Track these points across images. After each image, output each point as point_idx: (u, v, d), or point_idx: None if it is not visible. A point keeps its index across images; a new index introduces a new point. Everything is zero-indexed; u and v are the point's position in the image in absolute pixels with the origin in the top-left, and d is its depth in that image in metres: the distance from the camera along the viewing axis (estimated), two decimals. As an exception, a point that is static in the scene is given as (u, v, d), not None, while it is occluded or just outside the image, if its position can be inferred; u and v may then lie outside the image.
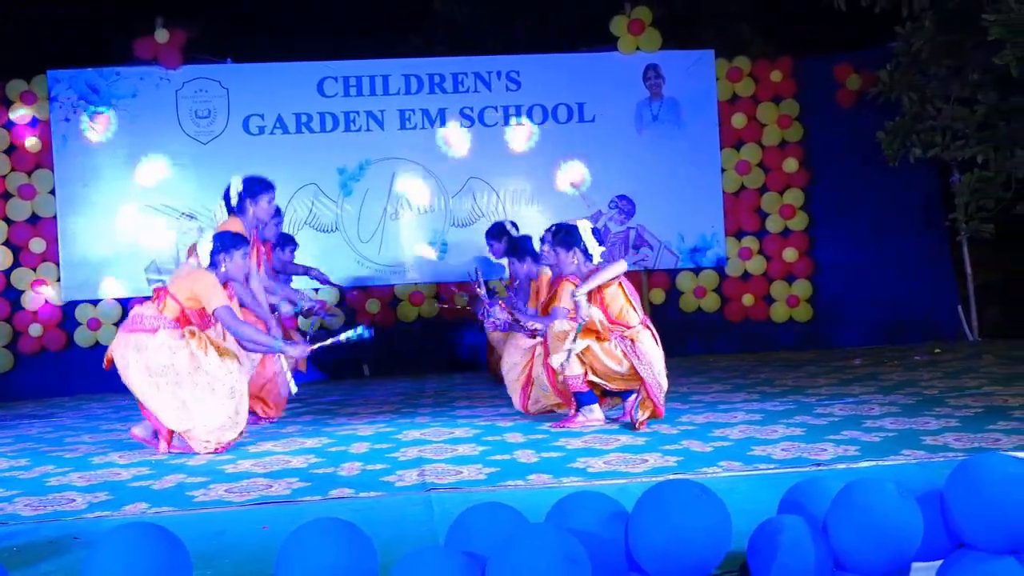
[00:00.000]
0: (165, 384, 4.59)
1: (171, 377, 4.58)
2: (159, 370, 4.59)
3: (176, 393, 4.59)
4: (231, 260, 4.86)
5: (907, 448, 3.78)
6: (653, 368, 4.74)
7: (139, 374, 4.60)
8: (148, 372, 4.59)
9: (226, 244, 4.87)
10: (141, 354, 4.59)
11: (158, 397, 4.60)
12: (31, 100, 8.40)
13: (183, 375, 4.59)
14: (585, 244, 4.95)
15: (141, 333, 4.62)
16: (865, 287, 9.00)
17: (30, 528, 3.21)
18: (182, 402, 4.60)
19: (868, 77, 8.57)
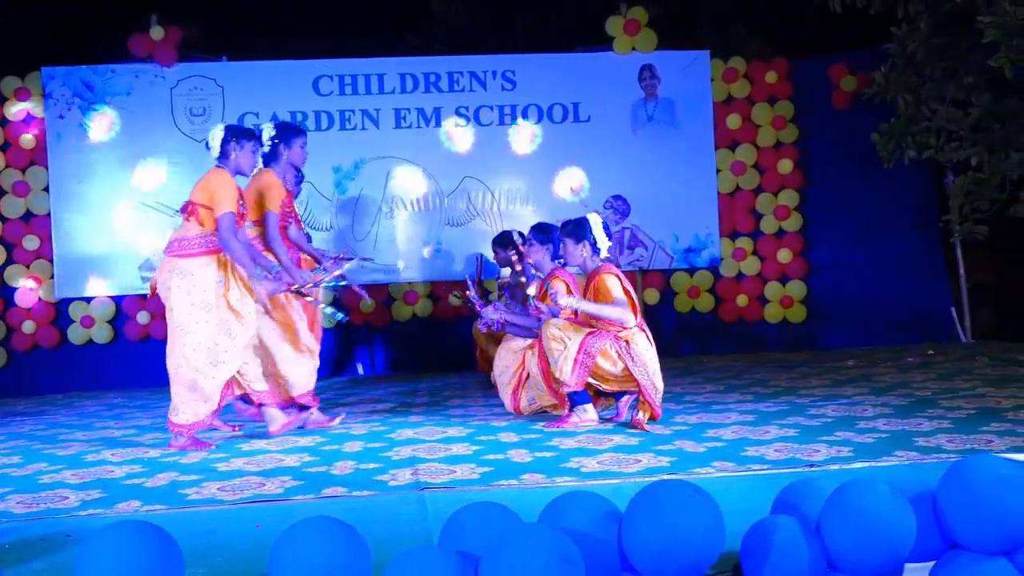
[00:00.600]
0: (205, 322, 4.63)
1: (212, 317, 4.64)
2: (202, 303, 4.64)
3: (213, 337, 4.65)
4: (241, 150, 4.84)
5: (900, 449, 3.78)
6: (647, 369, 4.74)
7: (181, 303, 4.63)
8: (191, 303, 4.63)
9: (237, 134, 4.85)
10: (184, 279, 4.64)
11: (195, 335, 4.63)
12: (26, 97, 8.38)
13: (220, 323, 4.66)
14: (595, 237, 4.95)
15: (191, 257, 4.66)
16: (859, 288, 9.02)
17: (22, 525, 3.20)
18: (211, 348, 4.65)
19: (863, 78, 8.59)
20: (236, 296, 4.74)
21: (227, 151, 4.82)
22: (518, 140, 8.83)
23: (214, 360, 4.68)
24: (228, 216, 4.64)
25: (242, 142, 4.83)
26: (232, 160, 4.83)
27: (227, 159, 4.82)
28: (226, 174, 4.77)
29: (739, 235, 9.11)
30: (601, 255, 4.98)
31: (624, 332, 4.80)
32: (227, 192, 4.68)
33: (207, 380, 4.68)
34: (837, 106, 9.01)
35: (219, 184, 4.70)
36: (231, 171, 4.82)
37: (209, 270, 4.68)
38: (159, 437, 5.13)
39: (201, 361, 4.65)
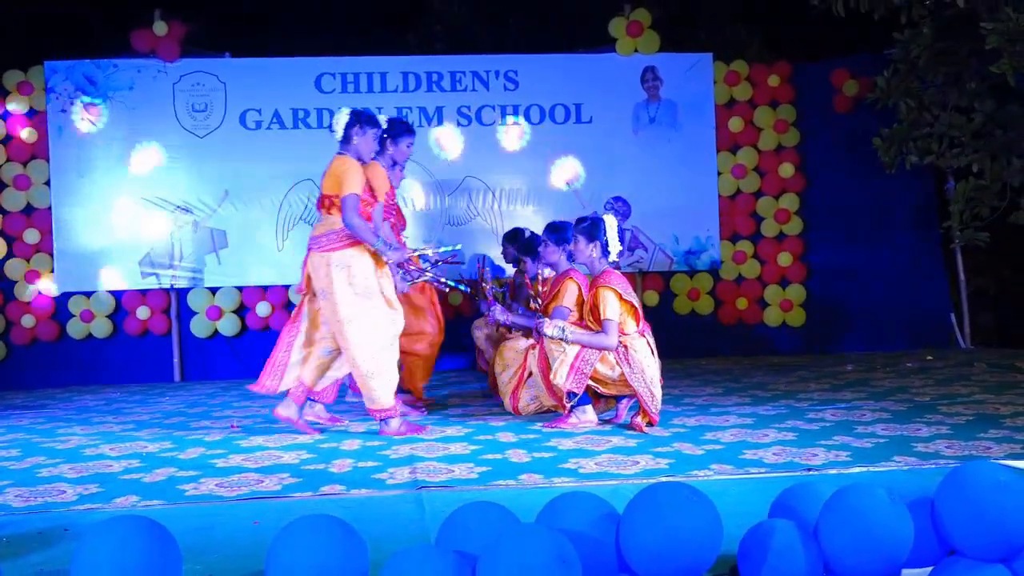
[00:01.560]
0: (372, 308, 4.69)
1: (376, 302, 4.71)
2: (365, 291, 4.70)
3: (381, 322, 4.72)
4: (363, 136, 4.87)
5: (898, 454, 3.79)
6: (644, 376, 4.73)
7: (344, 293, 4.69)
8: (354, 292, 4.70)
9: (361, 119, 4.89)
10: (343, 271, 4.70)
11: (364, 321, 4.68)
12: (28, 91, 8.37)
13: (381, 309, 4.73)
14: (607, 239, 4.96)
15: (346, 248, 4.72)
16: (859, 293, 9.02)
17: (20, 519, 3.21)
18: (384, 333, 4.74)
19: (865, 83, 8.59)
20: (386, 283, 4.84)
21: (349, 135, 4.87)
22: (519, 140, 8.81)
23: (383, 344, 4.75)
24: (352, 197, 4.69)
25: (365, 128, 4.88)
26: (353, 145, 4.87)
27: (349, 143, 4.88)
28: (348, 159, 4.82)
29: (739, 238, 9.11)
30: (610, 258, 4.99)
31: (624, 337, 4.80)
32: (352, 175, 4.74)
33: (386, 364, 4.77)
34: (839, 110, 9.01)
35: (343, 169, 4.76)
36: (352, 156, 4.87)
37: (364, 258, 4.75)
38: (158, 432, 5.13)
39: (376, 345, 4.72)
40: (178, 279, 8.44)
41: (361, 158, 4.94)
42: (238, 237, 8.53)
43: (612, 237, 4.98)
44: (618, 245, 5.00)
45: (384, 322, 4.76)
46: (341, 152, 4.89)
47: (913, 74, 7.84)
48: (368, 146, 4.93)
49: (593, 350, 4.77)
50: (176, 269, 8.43)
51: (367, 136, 4.89)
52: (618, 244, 5.01)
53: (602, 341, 4.76)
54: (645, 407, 4.69)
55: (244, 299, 8.57)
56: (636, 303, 4.89)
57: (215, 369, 8.61)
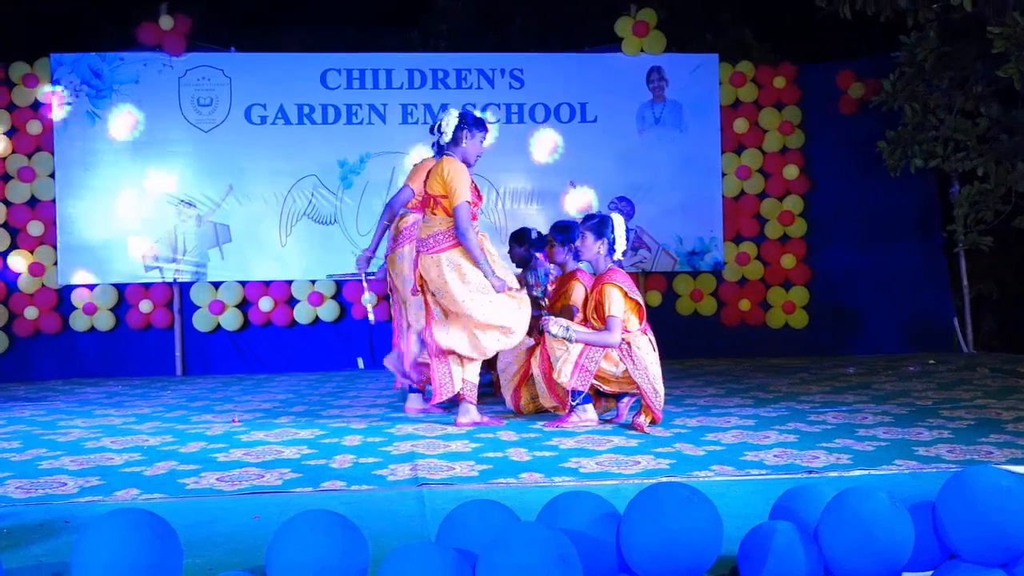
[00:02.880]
0: (490, 300, 4.72)
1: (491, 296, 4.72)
2: (479, 286, 4.72)
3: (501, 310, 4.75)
4: (472, 139, 4.87)
5: (900, 458, 3.78)
6: (648, 373, 4.74)
7: (461, 291, 4.71)
8: (470, 289, 4.72)
9: (469, 123, 4.87)
10: (454, 271, 4.71)
11: (484, 313, 4.71)
12: (33, 83, 8.38)
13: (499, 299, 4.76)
14: (614, 237, 4.96)
15: (452, 249, 4.74)
16: (861, 296, 9.02)
17: (20, 511, 3.21)
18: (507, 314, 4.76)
19: (871, 85, 8.59)
20: (502, 274, 4.83)
21: (459, 138, 4.85)
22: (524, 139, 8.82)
23: (499, 339, 4.79)
24: (465, 206, 4.69)
25: (473, 131, 4.87)
26: (462, 148, 4.86)
27: (457, 146, 4.86)
28: (457, 162, 4.80)
29: (743, 239, 9.11)
30: (615, 256, 4.98)
31: (627, 334, 4.80)
32: (462, 181, 4.72)
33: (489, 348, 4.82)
34: (844, 113, 9.01)
35: (453, 174, 4.74)
36: (459, 158, 4.85)
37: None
38: (159, 426, 5.13)
39: (496, 329, 4.76)
40: (181, 273, 8.45)
41: (467, 161, 4.92)
42: (241, 232, 8.53)
43: (619, 236, 4.98)
44: (624, 244, 5.01)
45: (509, 310, 4.77)
46: (449, 154, 4.86)
47: (919, 77, 7.84)
48: (476, 149, 4.93)
49: (597, 348, 4.77)
50: (179, 263, 8.44)
51: (475, 139, 4.89)
52: (625, 243, 5.01)
53: (605, 339, 4.76)
54: (649, 404, 4.69)
55: (247, 294, 8.58)
56: (640, 301, 4.89)
57: (217, 363, 8.63)
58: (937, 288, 8.98)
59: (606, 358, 4.78)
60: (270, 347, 8.67)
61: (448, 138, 4.88)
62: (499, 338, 4.82)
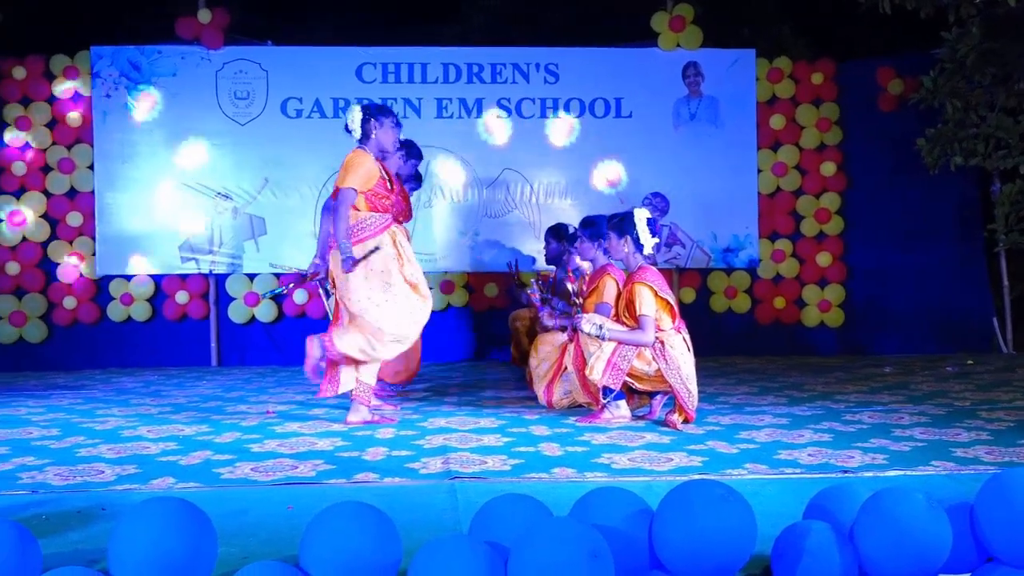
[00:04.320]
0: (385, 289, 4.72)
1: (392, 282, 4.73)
2: (380, 271, 4.73)
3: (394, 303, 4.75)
4: (381, 128, 4.86)
5: (937, 459, 3.74)
6: (680, 373, 4.71)
7: (361, 279, 4.72)
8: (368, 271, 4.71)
9: (373, 112, 4.87)
10: (361, 265, 4.71)
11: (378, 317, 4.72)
12: (74, 75, 8.48)
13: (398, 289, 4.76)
14: (638, 233, 4.93)
15: (361, 243, 4.74)
16: (899, 295, 8.92)
17: (59, 497, 3.25)
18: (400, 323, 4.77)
19: (911, 82, 8.49)
20: (411, 270, 4.84)
21: (368, 131, 4.85)
22: (558, 133, 8.80)
23: (399, 336, 4.79)
24: (348, 191, 4.70)
25: (381, 120, 4.86)
26: (374, 140, 4.86)
27: (369, 139, 4.86)
28: (361, 154, 4.81)
29: (778, 237, 9.04)
30: (645, 251, 4.95)
31: (660, 333, 4.78)
32: (354, 169, 4.74)
33: (385, 352, 4.82)
34: (883, 109, 8.91)
35: (351, 162, 4.77)
36: (374, 151, 4.86)
37: (381, 250, 4.76)
38: (194, 415, 5.18)
39: (388, 334, 4.76)
40: (217, 265, 8.52)
41: (385, 150, 4.93)
42: (276, 224, 8.59)
43: (643, 230, 4.94)
44: (651, 237, 4.96)
45: (404, 313, 4.76)
46: (361, 147, 4.87)
47: (960, 74, 7.74)
48: (389, 137, 4.90)
49: (630, 346, 4.75)
50: (215, 255, 8.51)
51: (385, 128, 4.87)
52: (650, 236, 4.96)
53: (639, 337, 4.74)
54: (682, 404, 4.67)
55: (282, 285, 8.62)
56: (672, 300, 4.86)
57: (252, 355, 8.69)
58: (976, 288, 8.87)
59: (639, 357, 4.76)
60: (304, 339, 8.69)
61: (359, 134, 4.87)
62: (395, 347, 4.84)
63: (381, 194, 4.85)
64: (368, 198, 4.80)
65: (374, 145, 4.87)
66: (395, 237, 4.87)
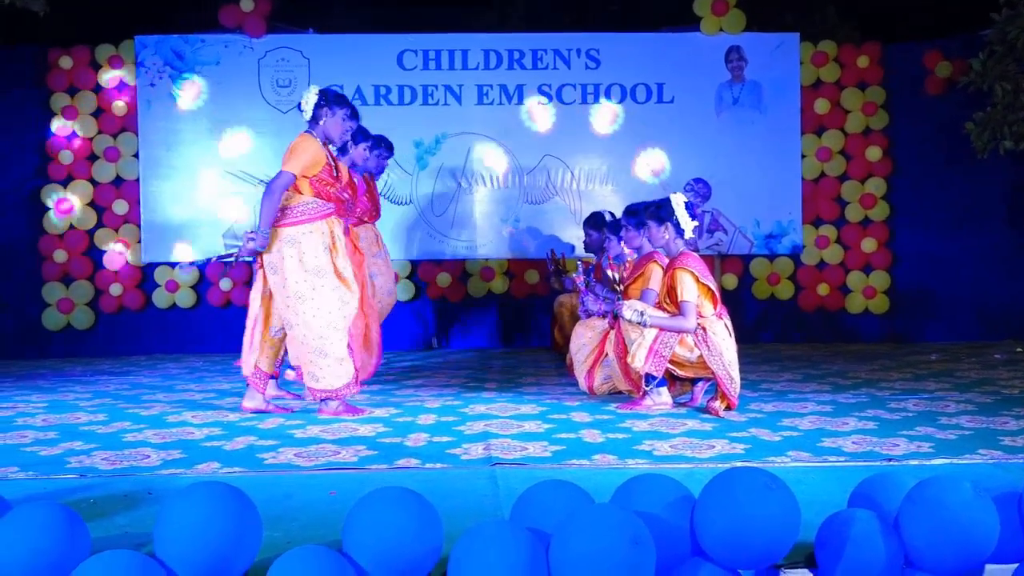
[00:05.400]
0: (318, 287, 4.62)
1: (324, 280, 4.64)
2: (314, 269, 4.64)
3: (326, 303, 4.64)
4: (332, 117, 4.79)
5: (984, 448, 3.68)
6: (723, 359, 4.69)
7: (294, 271, 4.63)
8: (304, 269, 4.63)
9: (330, 99, 4.81)
10: (294, 248, 4.64)
11: (314, 299, 4.63)
12: (119, 65, 8.58)
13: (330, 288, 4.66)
14: (678, 219, 4.89)
15: (296, 225, 4.65)
16: (945, 281, 8.79)
17: (106, 481, 3.30)
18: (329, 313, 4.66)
19: (959, 65, 8.33)
20: (342, 263, 4.77)
21: (318, 116, 4.78)
22: (600, 119, 8.77)
23: (335, 324, 4.68)
24: (286, 175, 4.61)
25: (334, 108, 4.78)
26: (320, 126, 4.78)
27: (317, 123, 4.78)
28: (308, 139, 4.73)
29: (822, 222, 8.94)
30: (686, 235, 4.92)
31: (702, 320, 4.76)
32: (300, 153, 4.65)
33: (333, 344, 4.68)
34: (931, 93, 8.75)
35: (296, 145, 4.70)
36: (320, 137, 4.79)
37: (315, 236, 4.67)
38: (237, 401, 5.23)
39: (323, 325, 4.65)
40: (260, 252, 8.57)
41: (331, 139, 4.85)
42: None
43: (682, 215, 4.90)
44: (690, 221, 4.93)
45: (334, 302, 4.66)
46: (308, 131, 4.79)
47: (1010, 56, 7.58)
48: (337, 127, 4.82)
49: (672, 333, 4.73)
50: (258, 242, 8.56)
51: (336, 117, 4.79)
52: (690, 220, 4.93)
53: (681, 324, 4.71)
54: (725, 390, 4.64)
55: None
56: (713, 286, 4.83)
57: (294, 341, 8.75)
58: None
59: (681, 343, 4.73)
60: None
61: (308, 116, 4.79)
62: (335, 336, 4.70)
63: (326, 180, 4.75)
64: (313, 183, 4.70)
65: (321, 131, 4.80)
66: (332, 227, 4.77)
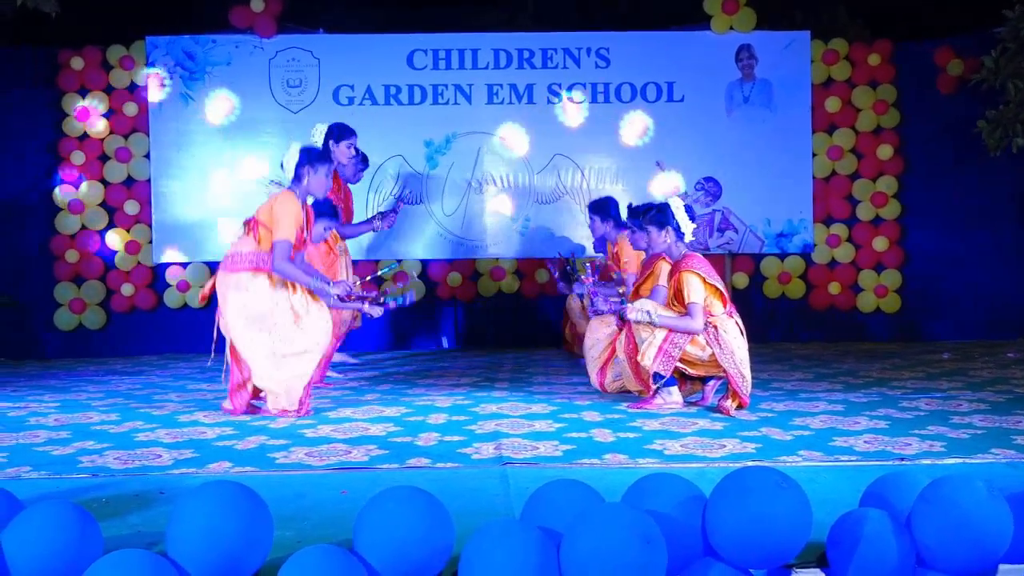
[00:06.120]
0: (259, 331, 4.66)
1: (268, 326, 4.66)
2: (256, 316, 4.67)
3: (270, 344, 4.67)
4: (315, 174, 4.84)
5: (997, 447, 3.67)
6: (735, 357, 4.69)
7: (236, 316, 4.68)
8: (245, 316, 4.67)
9: (312, 158, 4.87)
10: (240, 294, 4.67)
11: (252, 345, 4.68)
12: (130, 65, 8.60)
13: (282, 328, 4.67)
14: (677, 222, 4.91)
15: (242, 272, 4.70)
16: (957, 280, 8.75)
17: (119, 481, 3.32)
18: (273, 354, 4.68)
19: (971, 63, 8.29)
20: (300, 301, 4.78)
21: (300, 175, 4.85)
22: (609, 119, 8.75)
23: (277, 364, 4.70)
24: (284, 244, 4.67)
25: (316, 166, 4.85)
26: (303, 185, 4.86)
27: (300, 182, 4.86)
28: (291, 199, 4.79)
29: (833, 221, 8.91)
30: (686, 238, 4.93)
31: (713, 318, 4.75)
32: (288, 218, 4.72)
33: (282, 382, 4.72)
34: (942, 91, 8.71)
35: (283, 209, 4.74)
36: (301, 195, 4.85)
37: (261, 282, 4.71)
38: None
39: (270, 366, 4.70)
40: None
41: (315, 195, 4.93)
42: (329, 211, 8.64)
43: (682, 218, 4.93)
44: (691, 224, 4.94)
45: (276, 343, 4.67)
46: (290, 188, 4.85)
47: (1022, 54, 7.54)
48: (320, 184, 4.87)
49: (681, 334, 4.73)
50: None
51: (318, 174, 4.84)
52: (690, 222, 4.95)
53: (689, 325, 4.72)
54: (736, 389, 4.64)
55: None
56: (720, 286, 4.83)
57: (305, 341, 8.76)
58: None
59: (692, 342, 4.74)
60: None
61: (291, 175, 4.87)
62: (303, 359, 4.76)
63: (296, 244, 4.83)
64: None
65: (303, 190, 4.86)
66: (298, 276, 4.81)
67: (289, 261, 4.71)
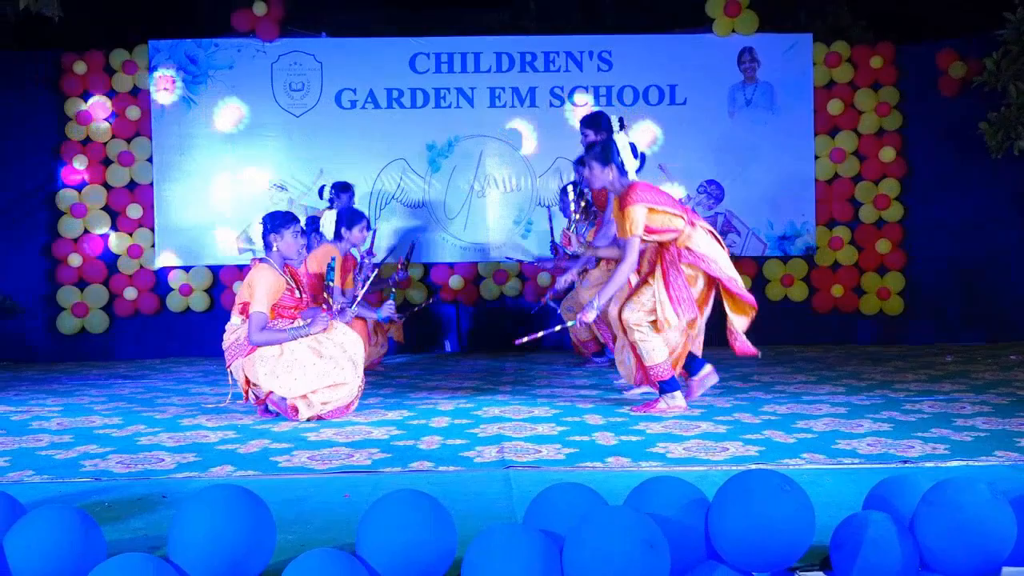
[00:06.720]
0: (295, 380, 4.71)
1: (297, 373, 4.72)
2: (284, 368, 4.72)
3: (307, 385, 4.72)
4: (282, 239, 4.89)
5: (1000, 449, 3.67)
6: (719, 263, 4.72)
7: (269, 380, 4.72)
8: (276, 375, 4.72)
9: (275, 223, 4.92)
10: (263, 364, 4.75)
11: (295, 388, 4.72)
12: (132, 69, 8.61)
13: (310, 368, 4.73)
14: (621, 160, 4.89)
15: (252, 354, 4.79)
16: (960, 282, 8.74)
17: (121, 484, 3.32)
18: (315, 392, 4.77)
19: (973, 65, 8.29)
20: (311, 341, 4.82)
21: (269, 243, 4.91)
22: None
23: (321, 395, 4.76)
24: (258, 316, 4.74)
25: (281, 232, 4.89)
26: (276, 252, 4.91)
27: (270, 250, 4.91)
28: (264, 270, 4.84)
29: (836, 224, 8.90)
30: (629, 177, 4.90)
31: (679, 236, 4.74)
32: (262, 289, 4.77)
33: (317, 406, 4.77)
34: (945, 93, 8.71)
35: (256, 280, 4.81)
36: (278, 262, 4.90)
37: (270, 349, 4.78)
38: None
39: (308, 398, 4.76)
40: (273, 255, 8.60)
41: (289, 259, 4.96)
42: (332, 215, 8.64)
43: (627, 157, 4.90)
44: (634, 162, 4.92)
45: (306, 382, 4.71)
46: (263, 260, 4.91)
47: (1025, 56, 7.55)
48: (292, 245, 4.91)
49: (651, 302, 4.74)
50: (272, 245, 8.59)
51: (286, 238, 4.89)
52: (634, 161, 4.92)
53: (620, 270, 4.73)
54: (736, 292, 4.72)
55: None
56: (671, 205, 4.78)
57: (308, 344, 8.76)
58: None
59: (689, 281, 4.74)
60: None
61: (261, 246, 4.93)
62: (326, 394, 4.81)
63: (287, 304, 4.91)
64: (274, 309, 4.86)
65: (277, 256, 4.91)
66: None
67: (265, 329, 4.75)
